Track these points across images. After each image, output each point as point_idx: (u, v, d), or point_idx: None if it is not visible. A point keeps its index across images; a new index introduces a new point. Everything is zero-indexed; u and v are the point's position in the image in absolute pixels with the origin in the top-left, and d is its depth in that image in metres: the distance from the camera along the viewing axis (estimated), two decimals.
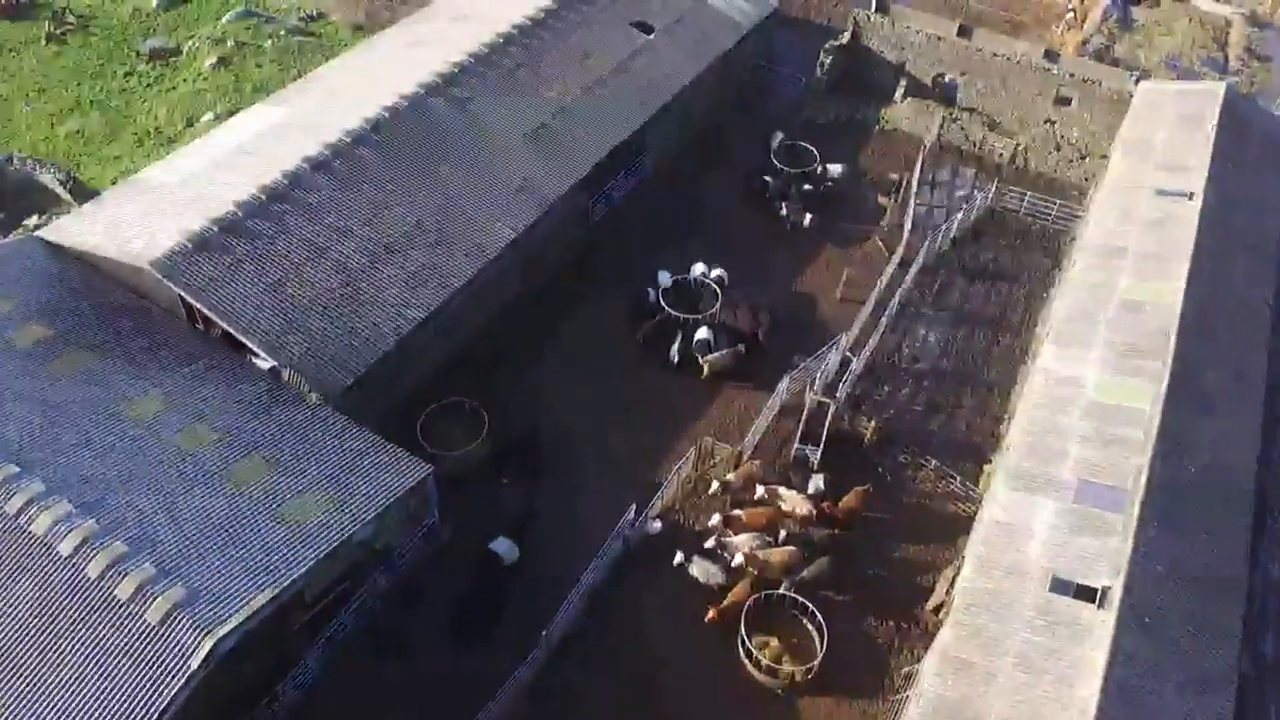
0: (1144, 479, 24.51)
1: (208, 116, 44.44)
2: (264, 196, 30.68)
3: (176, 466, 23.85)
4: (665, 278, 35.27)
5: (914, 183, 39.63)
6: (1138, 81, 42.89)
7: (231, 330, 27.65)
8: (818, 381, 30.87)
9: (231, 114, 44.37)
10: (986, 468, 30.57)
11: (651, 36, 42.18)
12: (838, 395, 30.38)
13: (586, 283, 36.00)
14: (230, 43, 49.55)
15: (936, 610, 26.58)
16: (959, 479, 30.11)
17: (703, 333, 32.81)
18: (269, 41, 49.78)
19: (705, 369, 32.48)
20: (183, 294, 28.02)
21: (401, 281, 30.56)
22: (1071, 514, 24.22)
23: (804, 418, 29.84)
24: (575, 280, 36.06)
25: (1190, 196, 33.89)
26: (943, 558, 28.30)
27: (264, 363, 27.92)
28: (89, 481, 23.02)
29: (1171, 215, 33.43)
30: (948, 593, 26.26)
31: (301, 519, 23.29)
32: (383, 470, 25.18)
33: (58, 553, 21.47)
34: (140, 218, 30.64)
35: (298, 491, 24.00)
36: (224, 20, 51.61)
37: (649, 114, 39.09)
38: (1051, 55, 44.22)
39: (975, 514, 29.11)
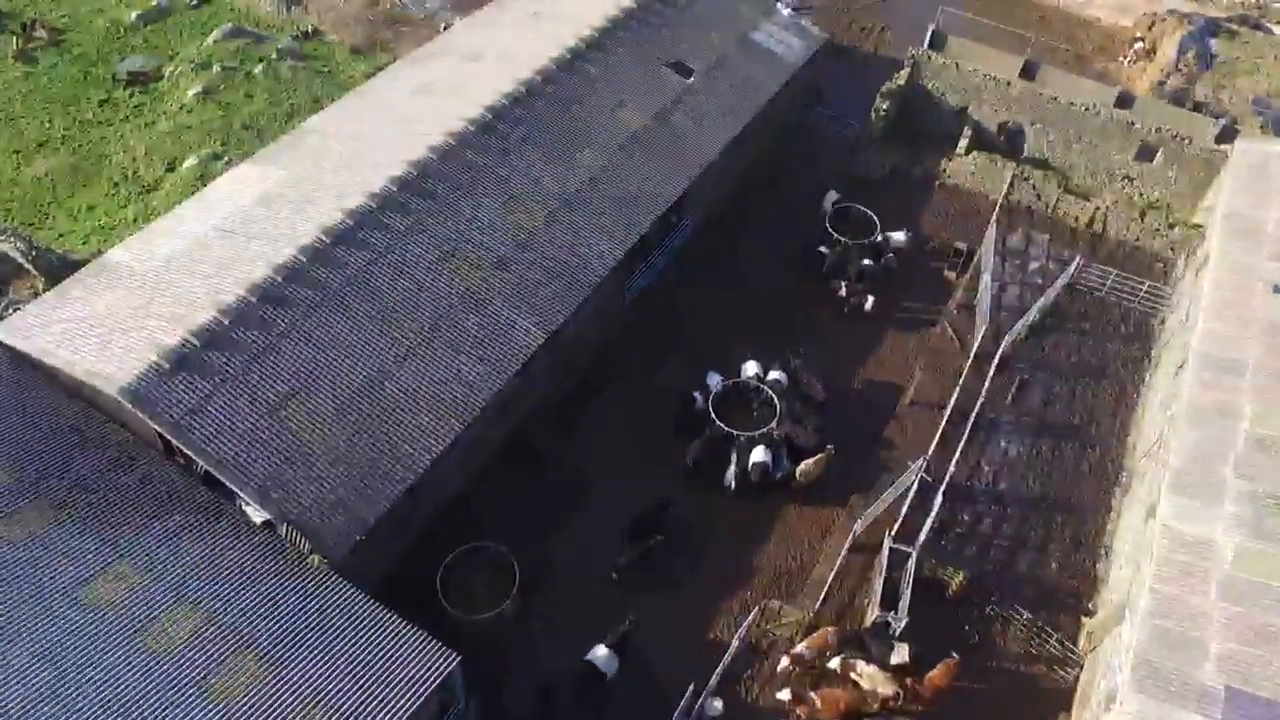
0: None
1: (191, 161, 39.72)
2: (253, 299, 26.23)
3: (147, 676, 19.70)
4: (715, 380, 30.98)
5: (988, 257, 35.32)
6: (1224, 132, 38.70)
7: (219, 476, 23.41)
8: (896, 522, 26.85)
9: (217, 157, 40.01)
10: (1086, 621, 26.78)
11: (691, 80, 37.61)
12: (918, 541, 26.37)
13: (623, 381, 31.77)
14: (216, 68, 44.63)
15: None
16: (1055, 636, 26.26)
17: (759, 454, 28.62)
18: (259, 66, 44.87)
19: (800, 479, 28.75)
20: (158, 429, 23.73)
21: (416, 402, 26.23)
22: None
23: (883, 576, 25.81)
24: (609, 380, 31.81)
25: None
26: None
27: (257, 514, 23.73)
28: (51, 701, 18.93)
29: None
30: None
31: None
32: (402, 664, 21.10)
33: None
34: (109, 320, 26.18)
35: (299, 705, 19.90)
36: (210, 39, 46.66)
37: (692, 177, 34.63)
38: (1126, 100, 39.82)
39: (1076, 679, 25.54)
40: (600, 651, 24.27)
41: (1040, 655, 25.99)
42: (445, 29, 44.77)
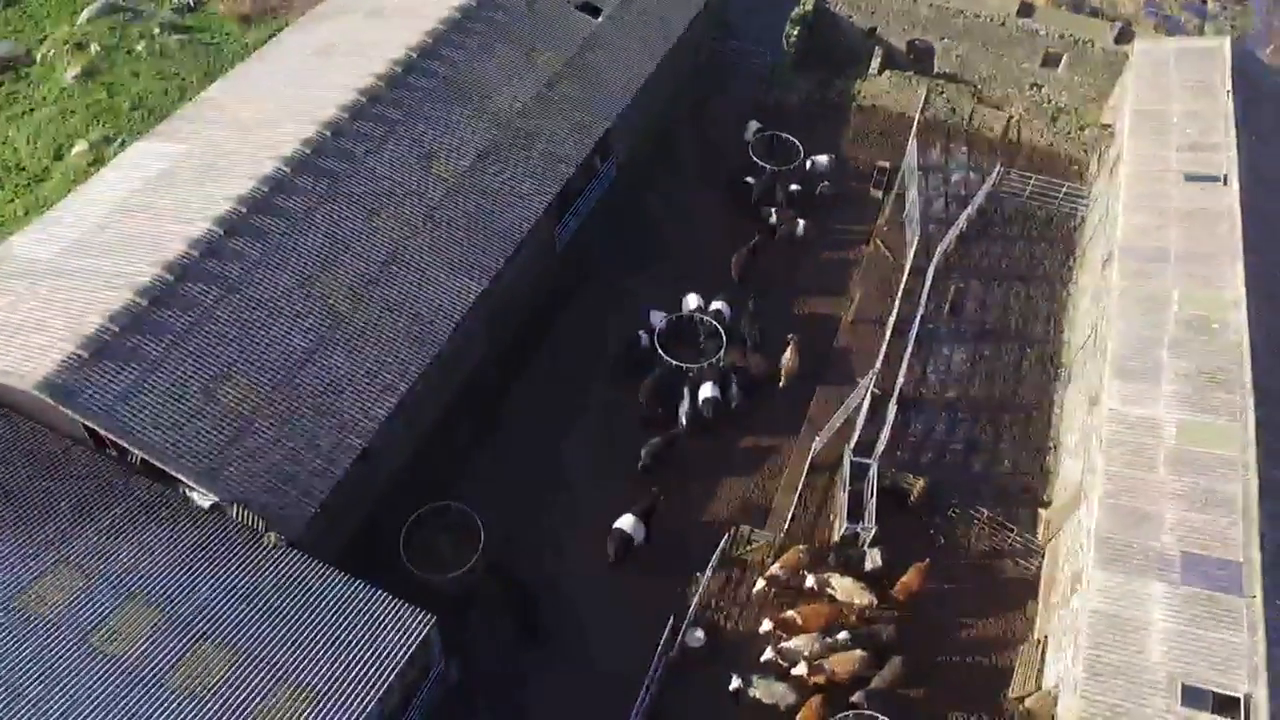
0: (1255, 551, 21.60)
1: (80, 147, 37.36)
2: (171, 277, 24.81)
3: (103, 682, 18.64)
4: (658, 318, 30.67)
5: (913, 171, 35.61)
6: (1121, 34, 39.68)
7: (158, 464, 22.19)
8: (853, 436, 27.11)
9: (109, 140, 37.73)
10: (1043, 513, 27.54)
11: (600, 20, 36.74)
12: (876, 451, 26.66)
13: (563, 328, 31.25)
14: (94, 47, 41.97)
15: (1021, 700, 23.55)
16: (1015, 530, 26.95)
17: (708, 389, 28.40)
18: (141, 44, 42.33)
19: (783, 378, 29.68)
20: (85, 422, 22.34)
21: (356, 366, 25.28)
22: (1184, 599, 21.17)
23: (846, 490, 26.02)
24: (549, 327, 31.26)
25: (1224, 180, 30.81)
26: (1014, 630, 25.25)
27: (203, 499, 22.61)
28: None
29: (1207, 204, 30.31)
30: (1038, 684, 23.24)
31: None
32: (375, 633, 20.46)
33: None
34: (14, 313, 24.49)
35: (269, 687, 19.13)
36: (83, 17, 43.78)
37: (612, 117, 33.93)
38: (1027, 9, 40.47)
39: (1039, 569, 26.31)
40: (628, 519, 25.14)
41: (1003, 549, 26.65)
42: None
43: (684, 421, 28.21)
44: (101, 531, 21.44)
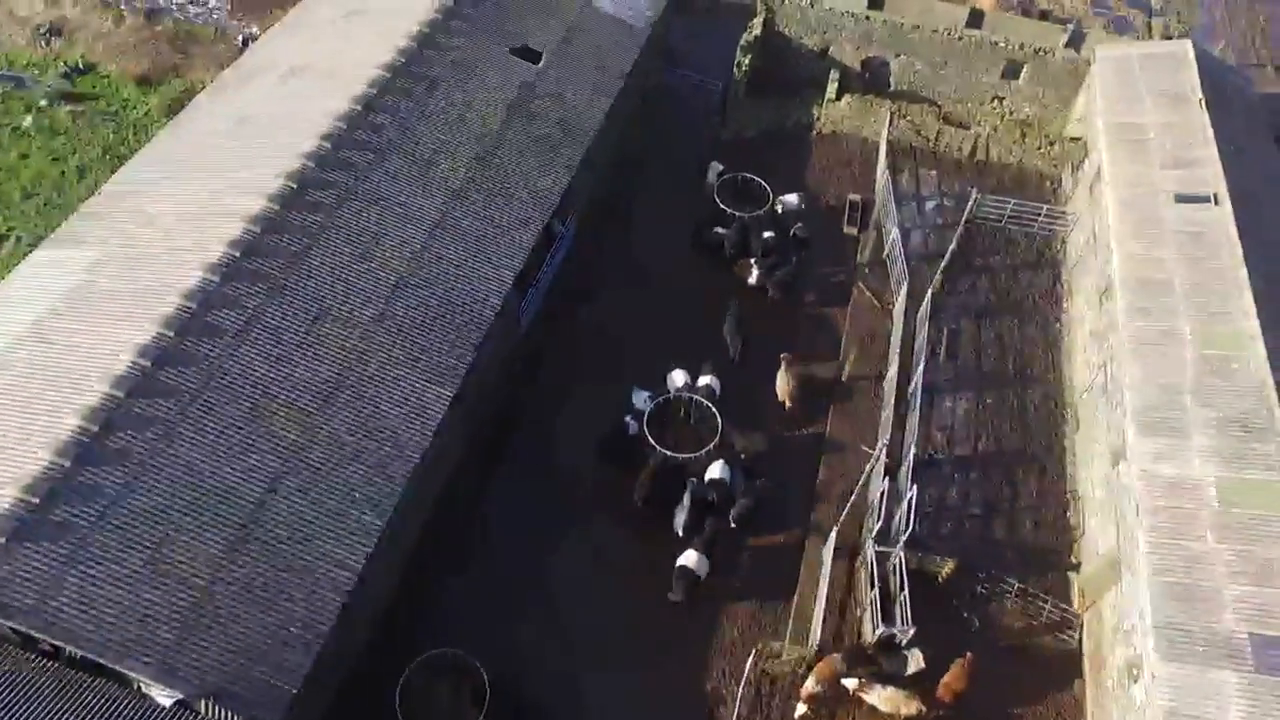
0: None
1: None
2: (95, 428, 21.45)
3: None
4: (641, 398, 28.18)
5: (890, 206, 33.73)
6: (1073, 38, 38.55)
7: (107, 664, 19.01)
8: (873, 524, 25.13)
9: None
10: (1074, 578, 26.03)
11: (541, 64, 33.96)
12: (897, 537, 24.69)
13: (538, 419, 28.60)
14: None
15: None
16: (1049, 600, 25.34)
17: (717, 470, 25.99)
18: (28, 117, 38.02)
19: (788, 401, 28.75)
20: (9, 625, 19.02)
21: (319, 506, 22.31)
22: (1260, 690, 19.69)
23: (875, 590, 23.95)
24: (523, 419, 28.58)
25: (1215, 199, 29.62)
26: (1065, 715, 23.65)
27: (165, 695, 19.49)
28: None
29: (1202, 227, 29.09)
30: None
31: None
32: None
33: None
34: None
35: None
36: None
37: (568, 174, 31.27)
38: (977, 18, 39.07)
39: (1080, 641, 24.76)
40: (691, 555, 24.41)
41: (1039, 624, 25.03)
42: (245, 44, 39.18)
43: (679, 533, 25.53)
44: None
